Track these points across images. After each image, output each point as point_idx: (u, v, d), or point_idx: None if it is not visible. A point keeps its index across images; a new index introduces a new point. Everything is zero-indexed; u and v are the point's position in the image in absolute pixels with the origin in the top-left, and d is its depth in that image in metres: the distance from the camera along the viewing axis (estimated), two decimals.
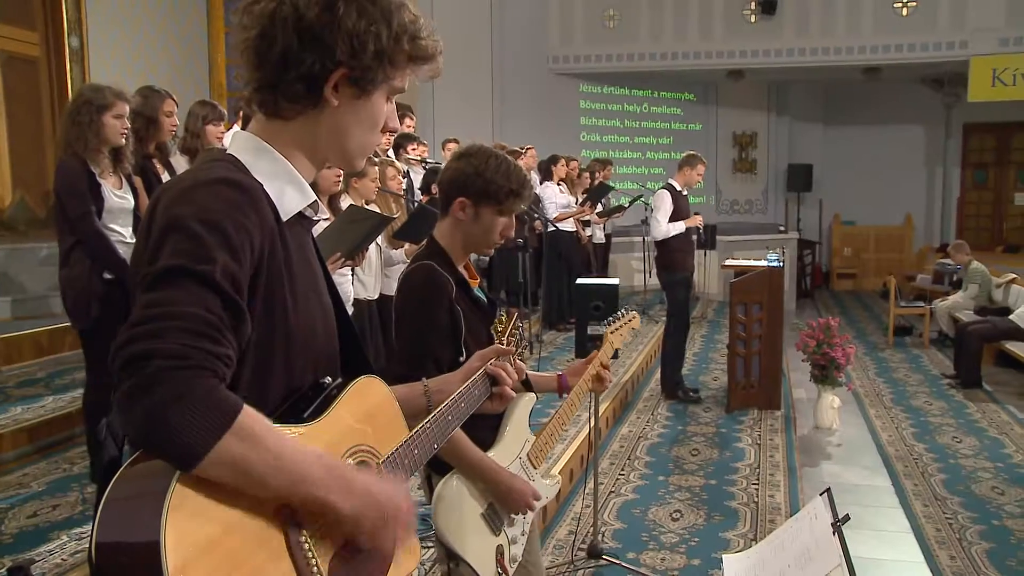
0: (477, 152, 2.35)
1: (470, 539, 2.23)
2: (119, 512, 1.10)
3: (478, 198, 2.32)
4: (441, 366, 2.19)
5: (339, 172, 3.89)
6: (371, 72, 1.36)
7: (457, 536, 2.20)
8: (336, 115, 1.39)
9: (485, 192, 2.31)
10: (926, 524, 4.89)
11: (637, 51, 13.74)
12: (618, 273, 11.82)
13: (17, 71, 7.47)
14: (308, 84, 1.34)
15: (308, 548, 1.25)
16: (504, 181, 2.31)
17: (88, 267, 3.93)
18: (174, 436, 1.08)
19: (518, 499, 2.32)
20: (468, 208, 2.33)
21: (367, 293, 4.86)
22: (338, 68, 1.34)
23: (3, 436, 4.59)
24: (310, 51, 1.32)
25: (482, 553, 2.25)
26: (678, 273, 7.10)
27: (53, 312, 6.37)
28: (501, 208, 2.34)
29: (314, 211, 1.46)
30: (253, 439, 1.14)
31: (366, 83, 1.37)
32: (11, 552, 3.53)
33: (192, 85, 9.49)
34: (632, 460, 5.80)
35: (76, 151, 3.96)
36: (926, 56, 12.94)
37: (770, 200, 16.01)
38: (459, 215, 2.34)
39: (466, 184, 2.32)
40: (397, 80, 1.42)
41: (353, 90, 1.37)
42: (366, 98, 1.39)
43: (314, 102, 1.37)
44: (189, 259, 1.18)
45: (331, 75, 1.34)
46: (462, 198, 2.33)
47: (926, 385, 8.38)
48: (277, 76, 1.34)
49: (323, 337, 1.45)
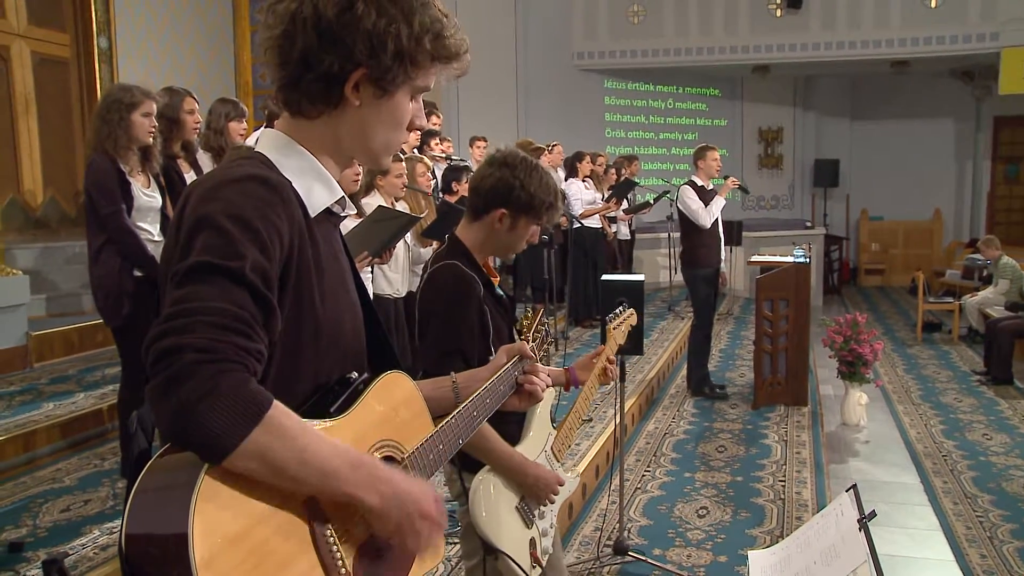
0: (521, 163, 2.35)
1: (506, 532, 2.26)
2: (148, 504, 1.12)
3: (519, 210, 2.34)
4: (470, 363, 2.20)
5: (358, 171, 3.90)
6: (391, 72, 1.36)
7: (494, 529, 2.23)
8: (358, 114, 1.39)
9: (528, 205, 2.33)
10: (956, 522, 4.85)
11: (662, 47, 13.67)
12: (643, 269, 11.80)
13: (48, 72, 7.57)
14: (328, 84, 1.35)
15: (333, 542, 1.26)
16: (545, 195, 2.34)
17: (118, 265, 3.97)
18: (204, 429, 1.09)
19: (544, 487, 2.35)
20: (506, 219, 2.35)
21: (395, 290, 4.88)
22: (357, 68, 1.34)
23: (37, 432, 4.66)
24: (329, 51, 1.33)
25: (518, 545, 2.28)
26: (701, 269, 7.06)
27: (84, 309, 6.47)
28: (539, 220, 2.38)
29: (341, 207, 1.47)
30: (282, 433, 1.15)
31: (387, 83, 1.37)
32: (45, 545, 3.60)
33: (218, 84, 9.58)
34: (658, 456, 5.79)
35: (106, 149, 4.00)
36: (956, 48, 12.77)
37: (796, 196, 15.89)
38: (496, 225, 2.36)
39: (509, 196, 2.33)
40: (421, 79, 1.41)
41: (374, 90, 1.38)
42: (388, 97, 1.39)
43: (335, 102, 1.37)
44: (219, 255, 1.19)
45: (351, 75, 1.35)
46: (504, 209, 2.34)
47: (955, 382, 8.29)
48: (298, 76, 1.35)
49: (350, 332, 1.46)
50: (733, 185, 7.13)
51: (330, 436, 1.26)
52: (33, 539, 3.66)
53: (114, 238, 3.98)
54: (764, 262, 7.60)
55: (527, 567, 2.27)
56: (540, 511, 2.40)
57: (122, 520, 1.12)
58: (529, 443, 2.40)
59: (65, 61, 7.78)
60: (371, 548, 1.34)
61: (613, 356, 2.68)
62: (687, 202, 6.96)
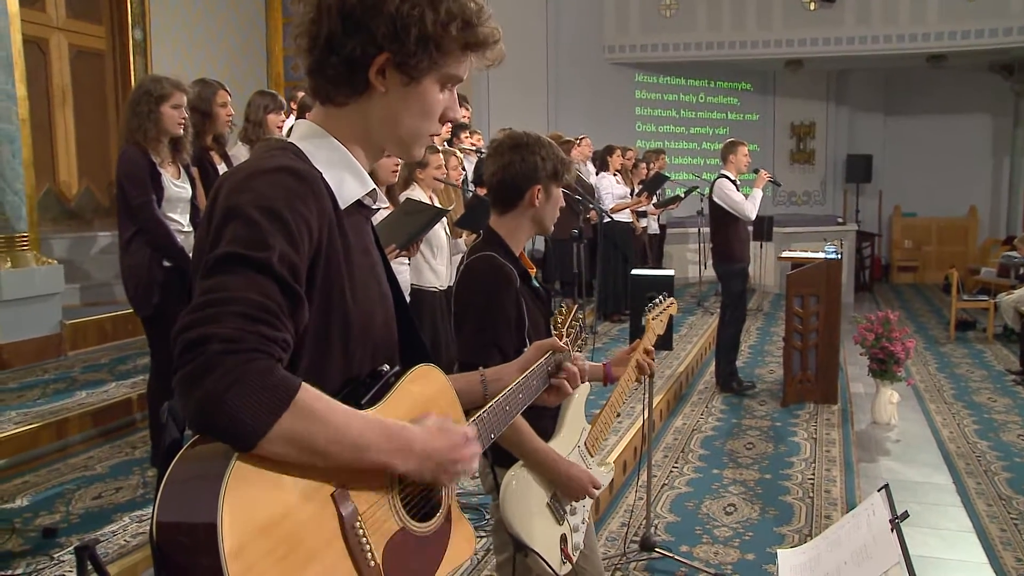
0: (529, 140, 2.43)
1: (537, 528, 2.26)
2: (179, 493, 1.13)
3: (548, 180, 2.42)
4: (506, 355, 2.21)
5: (397, 161, 3.90)
6: (416, 57, 1.35)
7: (525, 525, 2.22)
8: (385, 101, 1.39)
9: (554, 172, 2.43)
10: (990, 524, 4.77)
11: (694, 40, 13.58)
12: (672, 264, 11.72)
13: (84, 64, 7.66)
14: (351, 68, 1.35)
15: (363, 533, 1.26)
16: (559, 155, 2.44)
17: (149, 255, 4.02)
18: (232, 418, 1.10)
19: (578, 486, 2.35)
20: (541, 193, 2.42)
21: (439, 282, 4.83)
22: (380, 52, 1.34)
23: (70, 420, 4.73)
24: (352, 35, 1.33)
25: (548, 542, 2.28)
26: (736, 264, 7.02)
27: (117, 299, 6.54)
28: (563, 182, 2.47)
29: (373, 199, 1.47)
30: (312, 415, 1.17)
31: (412, 69, 1.36)
32: (78, 531, 3.65)
33: (251, 75, 9.64)
34: (686, 453, 5.76)
35: (137, 140, 4.05)
36: (995, 42, 12.56)
37: (828, 191, 15.73)
38: (535, 202, 2.42)
39: (537, 172, 2.40)
40: (450, 67, 1.40)
41: (400, 76, 1.37)
42: (415, 85, 1.39)
43: (360, 88, 1.38)
44: (247, 246, 1.20)
45: (374, 59, 1.35)
46: (537, 185, 2.41)
47: (990, 381, 8.16)
48: (323, 60, 1.36)
49: (381, 325, 1.46)
50: (767, 177, 7.07)
51: None
52: (66, 524, 3.72)
53: (144, 228, 4.03)
54: (795, 258, 7.53)
55: (557, 564, 2.26)
56: (572, 507, 2.40)
57: (153, 508, 1.13)
58: (563, 438, 2.41)
59: (101, 53, 7.86)
60: (401, 538, 1.35)
61: (651, 347, 2.68)
62: (728, 194, 6.87)
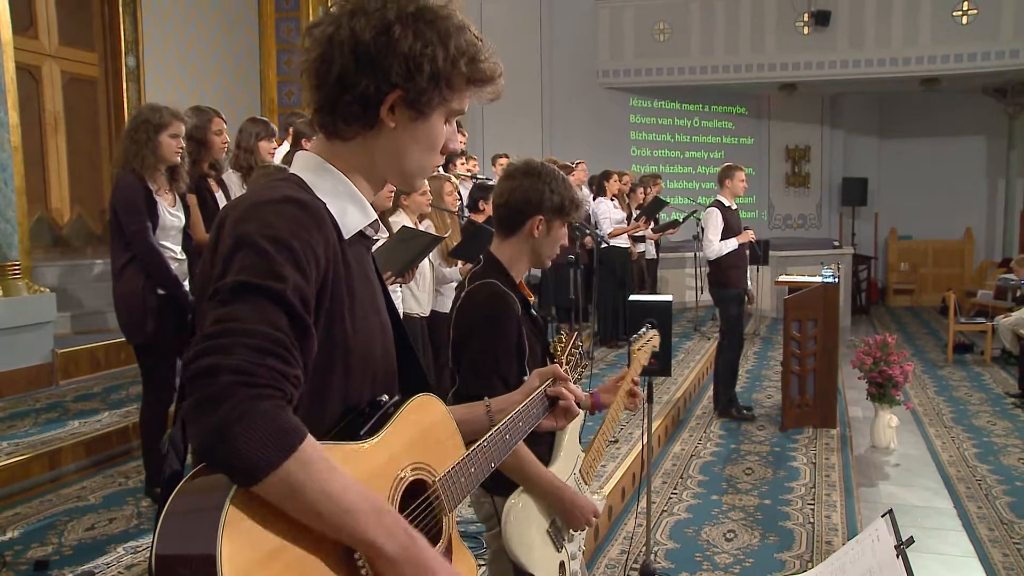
0: (543, 169, 2.41)
1: (537, 555, 2.24)
2: (178, 525, 1.12)
3: (552, 214, 2.39)
4: (508, 384, 2.19)
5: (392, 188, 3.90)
6: (427, 94, 1.37)
7: (525, 553, 2.20)
8: (393, 136, 1.40)
9: (560, 207, 2.39)
10: (992, 549, 4.73)
11: (688, 65, 13.67)
12: (669, 289, 11.70)
13: (77, 91, 7.66)
14: (364, 106, 1.36)
15: (363, 563, 1.24)
16: (571, 193, 2.41)
17: (142, 282, 4.00)
18: (237, 453, 1.09)
19: (580, 515, 2.32)
20: (542, 225, 2.40)
21: (420, 309, 4.85)
22: (394, 90, 1.36)
23: (62, 450, 4.68)
24: (366, 73, 1.34)
25: (548, 569, 2.26)
26: (731, 289, 7.01)
27: (109, 327, 6.50)
28: (568, 219, 2.44)
29: (374, 230, 1.47)
30: (311, 467, 1.14)
31: (422, 105, 1.38)
32: (71, 563, 3.60)
33: (244, 102, 9.65)
34: (685, 479, 5.71)
35: (134, 167, 4.04)
36: (988, 65, 12.65)
37: (824, 215, 15.78)
38: (535, 233, 2.40)
39: (542, 202, 2.38)
40: (456, 102, 1.43)
41: (410, 112, 1.39)
42: (423, 120, 1.40)
43: (371, 123, 1.38)
44: (259, 275, 1.19)
45: (387, 97, 1.36)
46: (539, 216, 2.38)
47: (989, 404, 8.14)
48: (335, 98, 1.36)
49: (381, 355, 1.45)
50: (751, 238, 7.07)
51: (362, 458, 1.27)
52: (58, 557, 3.66)
53: (139, 255, 4.01)
54: (792, 282, 7.52)
55: None
56: (570, 534, 2.37)
57: (152, 540, 1.12)
58: (559, 465, 2.38)
59: (93, 80, 7.87)
60: None
61: (637, 377, 2.66)
62: (708, 230, 6.94)
